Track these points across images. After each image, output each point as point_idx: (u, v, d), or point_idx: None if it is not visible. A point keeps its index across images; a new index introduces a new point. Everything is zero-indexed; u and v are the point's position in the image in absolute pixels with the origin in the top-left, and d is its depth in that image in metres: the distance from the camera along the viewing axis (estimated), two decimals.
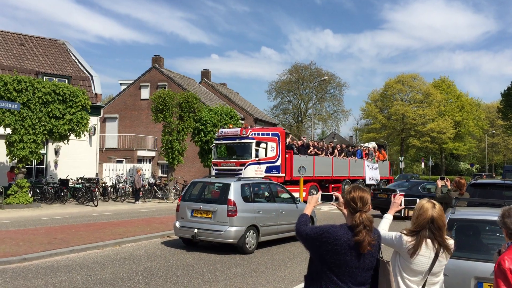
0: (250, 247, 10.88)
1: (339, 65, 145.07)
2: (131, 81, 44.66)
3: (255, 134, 22.15)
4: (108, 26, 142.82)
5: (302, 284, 3.49)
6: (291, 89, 79.52)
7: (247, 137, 21.85)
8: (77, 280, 8.06)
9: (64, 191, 23.27)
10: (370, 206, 3.37)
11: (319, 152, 26.64)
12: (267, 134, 22.86)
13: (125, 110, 42.43)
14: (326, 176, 26.66)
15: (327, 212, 21.37)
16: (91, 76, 30.09)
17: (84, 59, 31.94)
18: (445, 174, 68.64)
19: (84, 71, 30.40)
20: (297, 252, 10.96)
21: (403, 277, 3.57)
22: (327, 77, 68.77)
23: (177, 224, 11.42)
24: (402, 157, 64.34)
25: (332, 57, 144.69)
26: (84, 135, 23.71)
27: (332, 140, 39.36)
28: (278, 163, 22.88)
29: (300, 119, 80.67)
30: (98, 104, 29.08)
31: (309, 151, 25.91)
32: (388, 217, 3.93)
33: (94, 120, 28.00)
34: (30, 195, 21.35)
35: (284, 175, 23.24)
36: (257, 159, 21.67)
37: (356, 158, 29.62)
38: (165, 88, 38.74)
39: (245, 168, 21.26)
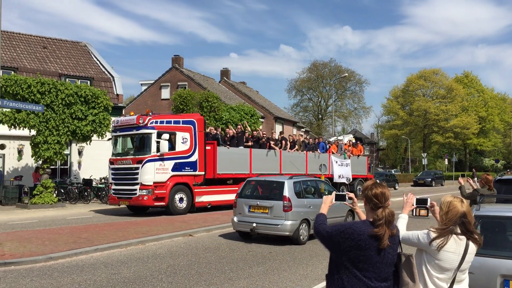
0: (303, 239, 11.92)
1: (358, 61, 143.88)
2: (152, 82, 45.10)
3: (156, 122, 17.85)
4: (128, 27, 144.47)
5: (324, 283, 3.49)
6: (311, 86, 79.22)
7: (146, 126, 17.62)
8: (102, 278, 8.17)
9: (88, 191, 23.65)
10: (390, 202, 3.38)
11: (274, 146, 22.35)
12: (176, 122, 18.50)
13: (146, 110, 42.83)
14: (270, 173, 21.13)
15: None
16: (113, 77, 30.49)
17: (105, 60, 32.38)
18: (469, 171, 67.52)
19: (106, 72, 30.81)
20: (319, 251, 10.91)
21: (430, 275, 3.54)
22: (347, 74, 68.33)
23: (235, 219, 12.49)
24: (425, 154, 63.54)
25: (351, 53, 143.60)
26: (106, 135, 24.03)
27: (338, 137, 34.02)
28: (194, 158, 18.67)
29: (320, 116, 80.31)
30: (119, 104, 29.45)
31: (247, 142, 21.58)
32: (404, 216, 3.92)
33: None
34: (55, 195, 21.74)
35: (203, 173, 19.02)
36: (158, 154, 17.54)
37: (319, 152, 25.13)
38: (185, 87, 39.01)
39: (142, 167, 17.35)
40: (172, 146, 18.01)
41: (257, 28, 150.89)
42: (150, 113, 18.17)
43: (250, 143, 21.39)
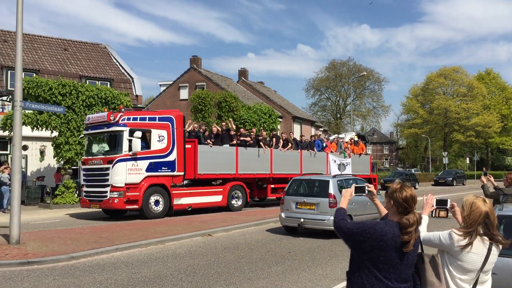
0: None
1: (377, 60, 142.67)
2: (170, 82, 45.41)
3: (128, 119, 16.48)
4: (147, 29, 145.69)
5: (344, 283, 3.47)
6: (329, 86, 78.88)
7: (117, 124, 16.30)
8: (122, 278, 8.26)
9: None
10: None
11: (263, 145, 20.91)
12: (152, 119, 17.08)
13: None
14: (260, 173, 20.77)
15: None
16: (132, 78, 30.80)
17: (125, 62, 32.74)
18: (492, 170, 66.35)
19: (125, 73, 31.13)
20: (338, 251, 10.85)
21: (453, 276, 3.49)
22: (365, 73, 67.81)
23: (283, 215, 13.38)
24: (446, 153, 62.66)
25: (369, 52, 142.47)
26: None
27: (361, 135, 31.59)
28: (172, 157, 17.26)
29: (339, 115, 79.90)
30: (139, 105, 29.74)
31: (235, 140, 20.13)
32: (424, 217, 3.86)
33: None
34: (76, 195, 22.06)
35: (182, 173, 17.63)
36: (130, 153, 16.17)
37: (315, 150, 23.52)
38: (203, 88, 39.18)
39: (112, 167, 16.04)
40: (147, 144, 16.81)
41: (275, 28, 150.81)
42: (123, 110, 16.93)
43: (234, 141, 19.86)
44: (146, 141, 16.83)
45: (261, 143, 20.91)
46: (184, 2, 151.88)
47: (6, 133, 21.35)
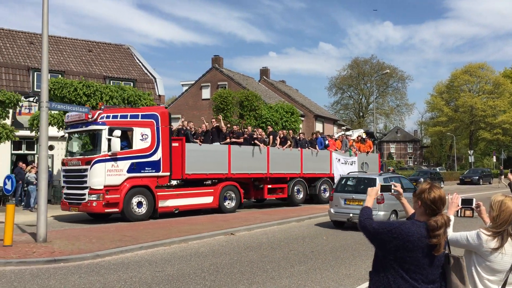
0: None
1: (400, 57, 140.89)
2: (192, 82, 45.68)
3: (108, 117, 15.55)
4: (169, 30, 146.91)
5: (368, 283, 3.43)
6: (351, 84, 78.28)
7: (95, 122, 15.39)
8: (147, 276, 8.34)
9: None
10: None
11: (258, 143, 19.69)
12: (134, 117, 16.00)
13: (187, 110, 43.44)
14: (256, 173, 19.65)
15: None
16: (155, 78, 31.09)
17: (148, 62, 33.06)
18: None
19: (148, 74, 31.46)
20: (362, 250, 10.75)
21: (481, 277, 3.42)
22: (388, 70, 66.91)
23: (332, 210, 14.44)
24: (472, 151, 61.53)
25: (392, 49, 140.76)
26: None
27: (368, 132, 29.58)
28: (156, 157, 16.30)
29: (361, 114, 79.22)
30: (161, 105, 29.98)
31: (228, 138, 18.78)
32: (450, 218, 3.78)
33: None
34: None
35: (168, 173, 16.63)
36: (110, 153, 15.25)
37: (317, 149, 22.26)
38: (225, 87, 39.31)
39: (90, 168, 15.11)
40: (129, 144, 15.91)
41: (296, 27, 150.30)
42: (102, 107, 16.03)
43: (228, 140, 18.71)
44: (128, 140, 15.97)
45: (256, 141, 19.74)
46: (205, 3, 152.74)
47: (33, 133, 21.79)
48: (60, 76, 25.65)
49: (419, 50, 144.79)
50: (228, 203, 18.58)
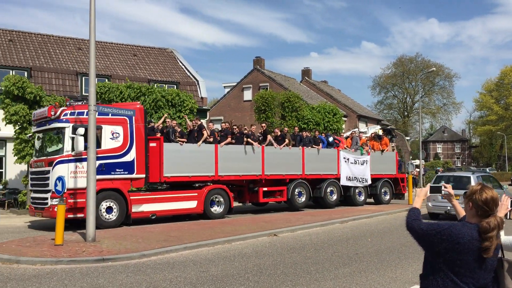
0: None
1: (447, 55, 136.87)
2: (234, 84, 46.01)
3: (72, 113, 14.28)
4: (211, 32, 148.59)
5: (416, 286, 3.33)
6: (395, 83, 76.72)
7: (58, 120, 14.20)
8: (191, 276, 8.44)
9: None
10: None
11: (251, 141, 17.98)
12: (104, 114, 14.13)
13: (229, 112, 43.82)
14: (248, 175, 18.08)
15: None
16: (197, 81, 31.52)
17: (190, 65, 33.57)
18: None
19: (191, 76, 31.93)
20: (408, 253, 10.49)
21: None
22: (434, 68, 65.16)
23: (430, 204, 16.61)
24: None
25: (438, 47, 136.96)
26: None
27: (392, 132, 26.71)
28: (129, 157, 14.96)
29: (406, 113, 77.47)
30: (204, 107, 30.36)
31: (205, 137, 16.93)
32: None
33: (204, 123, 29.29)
34: None
35: (143, 176, 15.24)
36: (73, 153, 14.00)
37: (320, 147, 20.43)
38: (266, 88, 39.37)
39: (52, 170, 13.94)
40: (98, 143, 14.18)
41: (337, 26, 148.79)
42: (68, 103, 14.78)
43: (211, 139, 17.10)
44: (97, 139, 14.20)
45: (248, 139, 18.06)
46: (246, 5, 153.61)
47: None
48: (106, 80, 26.42)
49: (467, 47, 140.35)
50: (215, 209, 16.91)
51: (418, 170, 36.55)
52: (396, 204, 22.50)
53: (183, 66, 33.24)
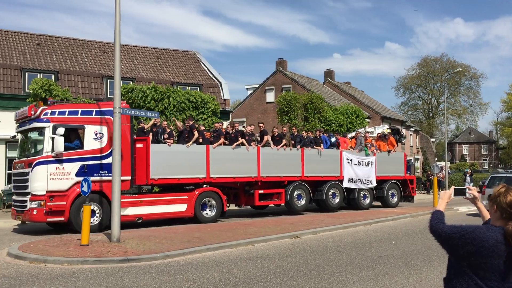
0: None
1: (473, 55, 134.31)
2: (257, 86, 46.07)
3: (53, 113, 13.76)
4: (233, 35, 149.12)
5: None
6: (420, 84, 75.66)
7: (38, 119, 13.68)
8: (214, 277, 8.48)
9: None
10: None
11: (244, 141, 17.21)
12: (86, 113, 14.11)
13: (252, 113, 43.89)
14: (243, 176, 17.36)
15: (465, 213, 19.85)
16: (220, 83, 31.69)
17: (213, 67, 33.77)
18: None
19: (214, 78, 32.12)
20: (433, 256, 10.33)
21: None
22: (460, 69, 64.09)
23: (484, 202, 17.79)
24: None
25: (464, 47, 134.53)
26: None
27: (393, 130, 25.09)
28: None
29: (431, 115, 76.32)
30: (227, 109, 30.49)
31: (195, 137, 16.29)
32: None
33: (224, 125, 29.39)
34: None
35: (129, 178, 14.55)
36: (53, 154, 13.50)
37: (321, 148, 19.56)
38: (289, 90, 39.32)
39: (32, 171, 13.47)
40: (80, 143, 14.09)
41: (361, 27, 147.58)
42: (49, 102, 14.35)
43: (200, 140, 16.49)
44: (79, 140, 14.24)
45: (243, 140, 17.31)
46: (269, 7, 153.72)
47: None
48: (131, 82, 26.78)
49: (494, 46, 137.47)
50: (207, 212, 16.29)
51: (443, 172, 35.95)
52: (421, 207, 22.20)
53: (206, 68, 33.46)
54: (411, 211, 20.06)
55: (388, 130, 24.07)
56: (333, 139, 20.44)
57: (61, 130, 13.28)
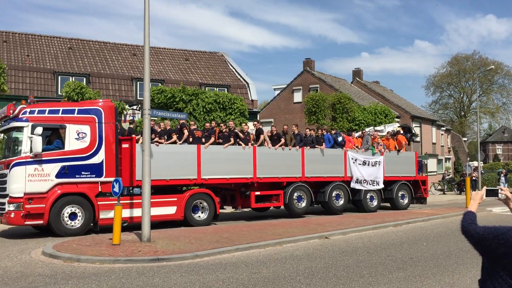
0: None
1: (506, 52, 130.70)
2: (284, 86, 46.00)
3: (32, 112, 13.27)
4: (260, 35, 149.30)
5: None
6: (451, 82, 74.11)
7: (17, 118, 13.22)
8: (243, 277, 8.51)
9: None
10: None
11: (241, 142, 16.64)
12: (68, 112, 13.65)
13: (279, 114, 43.85)
14: (238, 177, 16.61)
15: (499, 214, 19.36)
16: (247, 83, 31.80)
17: (240, 68, 33.92)
18: None
19: (241, 79, 32.26)
20: (466, 258, 10.12)
21: None
22: (493, 66, 62.51)
23: None
24: None
25: (496, 44, 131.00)
26: None
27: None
28: (97, 159, 13.78)
29: (463, 113, 74.69)
30: (254, 109, 30.58)
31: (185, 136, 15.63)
32: None
33: (250, 125, 29.45)
34: None
35: (112, 179, 13.28)
36: (31, 154, 12.94)
37: (323, 147, 18.68)
38: (317, 90, 39.13)
39: (9, 173, 12.97)
40: (61, 143, 13.47)
41: (389, 25, 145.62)
42: (28, 100, 13.87)
43: (190, 139, 15.78)
44: (60, 140, 13.58)
45: (238, 139, 16.72)
46: (296, 6, 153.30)
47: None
48: (160, 84, 27.15)
49: None
50: (199, 215, 15.64)
51: (476, 172, 35.14)
52: (453, 208, 21.76)
53: (233, 69, 33.64)
54: (442, 212, 19.69)
55: (399, 128, 23.00)
56: (339, 138, 19.53)
57: (39, 130, 12.85)
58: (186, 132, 15.75)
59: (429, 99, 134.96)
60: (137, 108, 22.47)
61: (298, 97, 43.33)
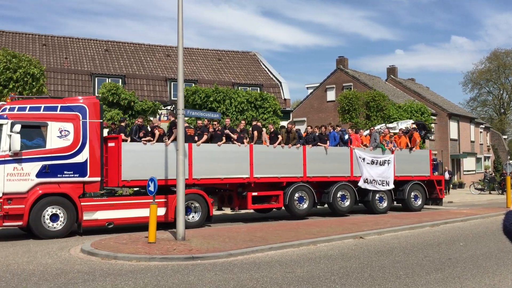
0: None
1: None
2: (317, 84, 45.71)
3: (12, 109, 12.80)
4: (292, 34, 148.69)
5: None
6: (490, 78, 71.94)
7: None
8: (277, 276, 8.50)
9: None
10: None
11: (235, 141, 15.91)
12: (50, 109, 13.15)
13: (312, 113, 43.60)
14: (233, 177, 15.85)
15: None
16: (280, 83, 31.75)
17: (273, 67, 33.88)
18: None
19: (274, 78, 32.23)
20: (507, 259, 9.80)
21: None
22: None
23: None
24: None
25: None
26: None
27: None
28: (81, 158, 13.26)
29: (503, 110, 72.43)
30: (287, 108, 30.50)
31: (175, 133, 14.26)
32: None
33: (284, 124, 29.39)
34: None
35: (98, 179, 13.51)
36: (10, 153, 12.44)
37: (327, 145, 17.76)
38: (350, 88, 38.70)
39: None
40: (42, 141, 13.00)
41: (425, 21, 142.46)
42: (9, 97, 13.63)
43: (172, 138, 14.65)
44: (42, 137, 13.09)
45: (233, 137, 16.04)
46: (328, 5, 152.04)
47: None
48: (193, 84, 27.43)
49: None
50: (193, 216, 14.98)
51: None
52: (493, 207, 21.11)
53: (266, 69, 33.65)
54: (481, 212, 19.14)
55: (413, 125, 21.74)
56: (346, 136, 18.61)
57: (17, 127, 12.32)
58: (175, 131, 13.77)
59: (467, 96, 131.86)
60: (171, 108, 22.76)
61: (331, 95, 42.98)
